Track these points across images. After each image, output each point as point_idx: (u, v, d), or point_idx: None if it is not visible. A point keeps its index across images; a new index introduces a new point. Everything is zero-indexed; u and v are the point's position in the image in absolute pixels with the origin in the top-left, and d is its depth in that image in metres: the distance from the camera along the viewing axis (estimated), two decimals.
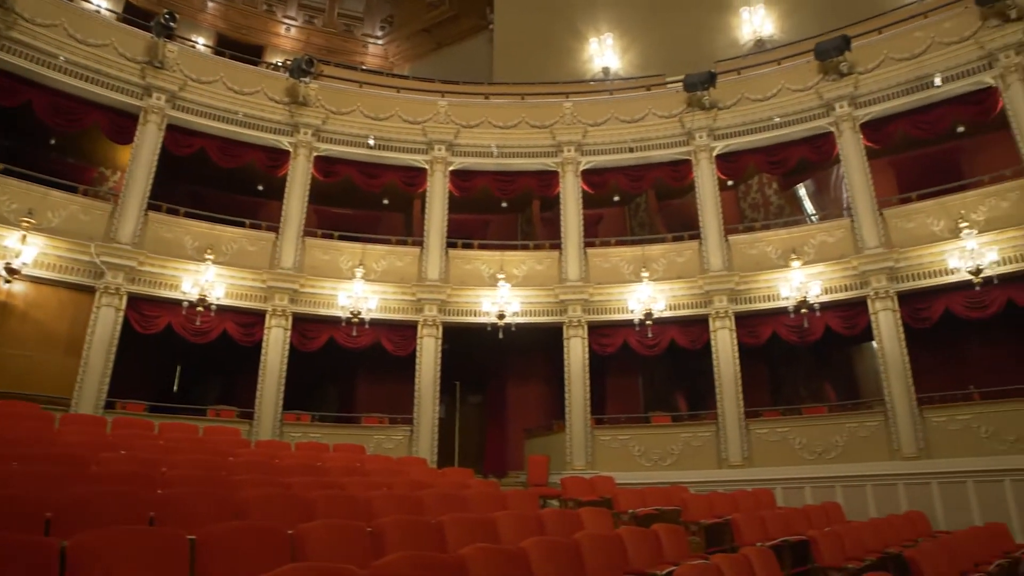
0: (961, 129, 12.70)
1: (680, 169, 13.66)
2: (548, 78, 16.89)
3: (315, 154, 13.34)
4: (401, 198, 15.01)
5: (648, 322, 12.14)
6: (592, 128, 13.90)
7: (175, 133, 12.38)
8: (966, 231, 10.82)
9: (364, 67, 21.26)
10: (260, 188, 14.58)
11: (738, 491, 10.27)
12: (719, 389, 12.02)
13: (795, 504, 10.27)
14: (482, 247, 13.87)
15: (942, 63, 11.87)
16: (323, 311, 12.47)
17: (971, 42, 11.65)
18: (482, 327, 12.58)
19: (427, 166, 13.80)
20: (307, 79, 13.14)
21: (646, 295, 12.33)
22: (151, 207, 11.81)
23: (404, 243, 13.71)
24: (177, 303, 11.31)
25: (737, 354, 12.14)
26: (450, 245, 13.46)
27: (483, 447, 14.95)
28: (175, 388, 14.17)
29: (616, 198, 15.43)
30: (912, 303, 11.43)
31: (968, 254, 10.64)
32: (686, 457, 11.82)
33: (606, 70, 18.88)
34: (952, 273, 10.94)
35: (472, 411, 15.21)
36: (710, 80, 13.14)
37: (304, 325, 12.45)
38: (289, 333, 12.16)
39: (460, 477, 9.33)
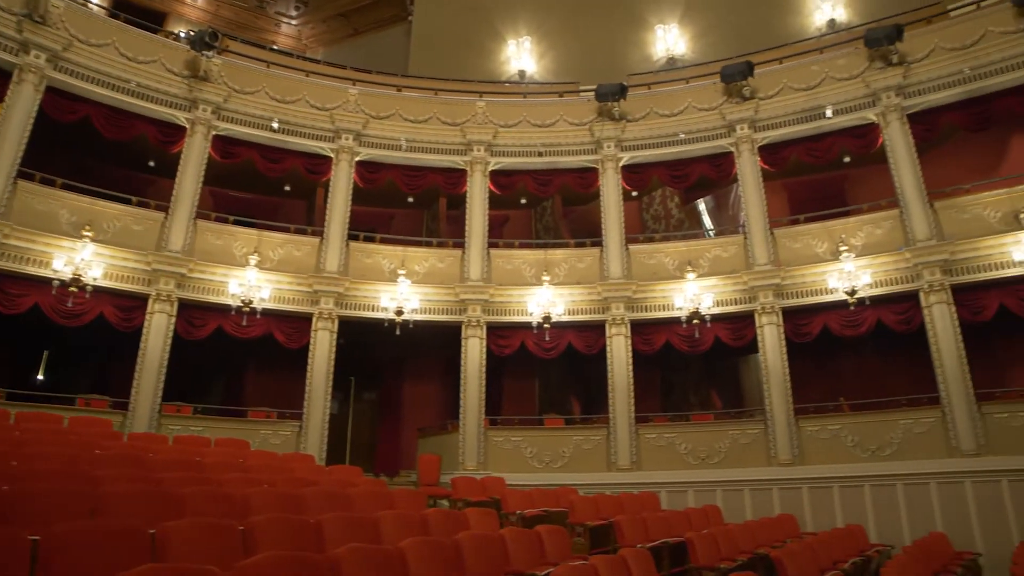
0: (847, 159, 13.62)
1: (587, 176, 13.91)
2: (464, 76, 16.81)
3: (214, 133, 12.65)
4: (304, 185, 14.51)
5: (546, 325, 12.27)
6: (503, 129, 13.93)
7: (56, 97, 11.39)
8: (845, 254, 11.60)
9: (275, 47, 20.41)
10: (152, 164, 13.70)
11: (625, 494, 10.57)
12: (612, 394, 12.31)
13: (678, 507, 10.69)
14: (384, 241, 13.60)
15: (834, 97, 12.69)
16: (212, 298, 11.83)
17: (859, 80, 12.53)
18: (380, 322, 12.30)
19: (333, 155, 13.39)
20: (210, 53, 12.45)
21: (546, 299, 12.45)
22: (22, 175, 10.77)
23: (304, 232, 13.21)
24: (47, 282, 10.37)
25: (631, 360, 12.46)
26: (351, 237, 13.11)
27: (375, 445, 14.66)
28: (40, 375, 13.09)
29: (523, 201, 15.53)
30: (795, 319, 12.13)
31: (846, 275, 11.40)
32: (577, 460, 12.03)
33: (522, 73, 19.02)
34: (831, 292, 11.68)
35: (366, 408, 14.90)
36: (621, 92, 13.46)
37: (191, 312, 11.77)
38: (174, 320, 11.45)
39: (347, 475, 9.09)
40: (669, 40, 18.99)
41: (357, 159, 13.49)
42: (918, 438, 10.75)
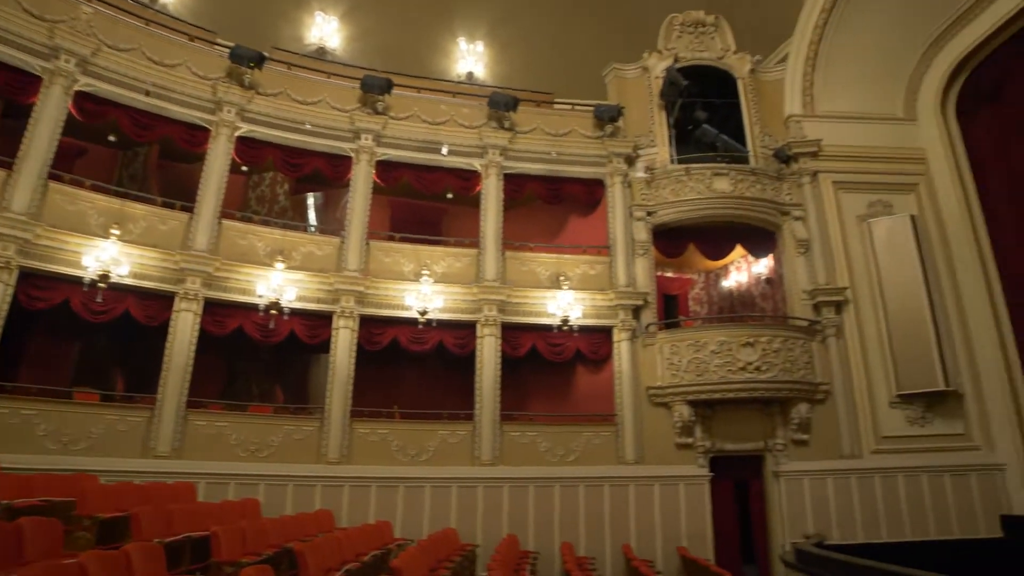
0: (450, 195, 15.14)
1: (196, 135, 12.59)
2: None
3: None
4: None
5: (102, 285, 10.45)
6: (110, 51, 11.76)
7: None
8: (426, 278, 12.78)
9: None
10: None
11: (159, 483, 9.78)
12: (166, 374, 11.13)
13: (217, 499, 10.23)
14: None
15: (452, 138, 14.10)
16: None
17: (475, 132, 14.19)
18: None
19: None
20: None
21: (110, 255, 10.64)
22: None
23: None
24: None
25: (196, 340, 11.50)
26: None
27: None
28: None
29: (112, 138, 13.28)
30: (370, 327, 12.80)
31: (423, 296, 12.54)
32: (108, 442, 10.44)
33: None
34: (407, 309, 12.70)
35: None
36: (258, 61, 12.74)
37: None
38: None
39: None
40: (326, 30, 18.82)
41: None
42: (452, 447, 12.31)
